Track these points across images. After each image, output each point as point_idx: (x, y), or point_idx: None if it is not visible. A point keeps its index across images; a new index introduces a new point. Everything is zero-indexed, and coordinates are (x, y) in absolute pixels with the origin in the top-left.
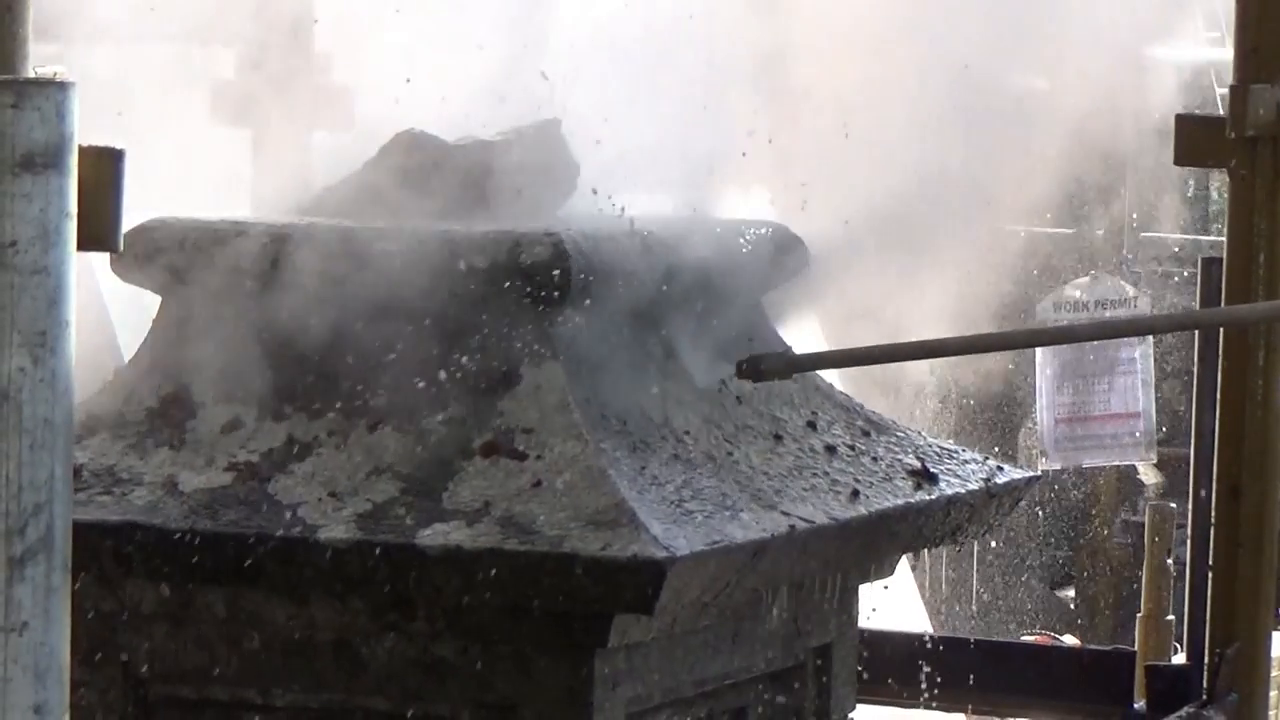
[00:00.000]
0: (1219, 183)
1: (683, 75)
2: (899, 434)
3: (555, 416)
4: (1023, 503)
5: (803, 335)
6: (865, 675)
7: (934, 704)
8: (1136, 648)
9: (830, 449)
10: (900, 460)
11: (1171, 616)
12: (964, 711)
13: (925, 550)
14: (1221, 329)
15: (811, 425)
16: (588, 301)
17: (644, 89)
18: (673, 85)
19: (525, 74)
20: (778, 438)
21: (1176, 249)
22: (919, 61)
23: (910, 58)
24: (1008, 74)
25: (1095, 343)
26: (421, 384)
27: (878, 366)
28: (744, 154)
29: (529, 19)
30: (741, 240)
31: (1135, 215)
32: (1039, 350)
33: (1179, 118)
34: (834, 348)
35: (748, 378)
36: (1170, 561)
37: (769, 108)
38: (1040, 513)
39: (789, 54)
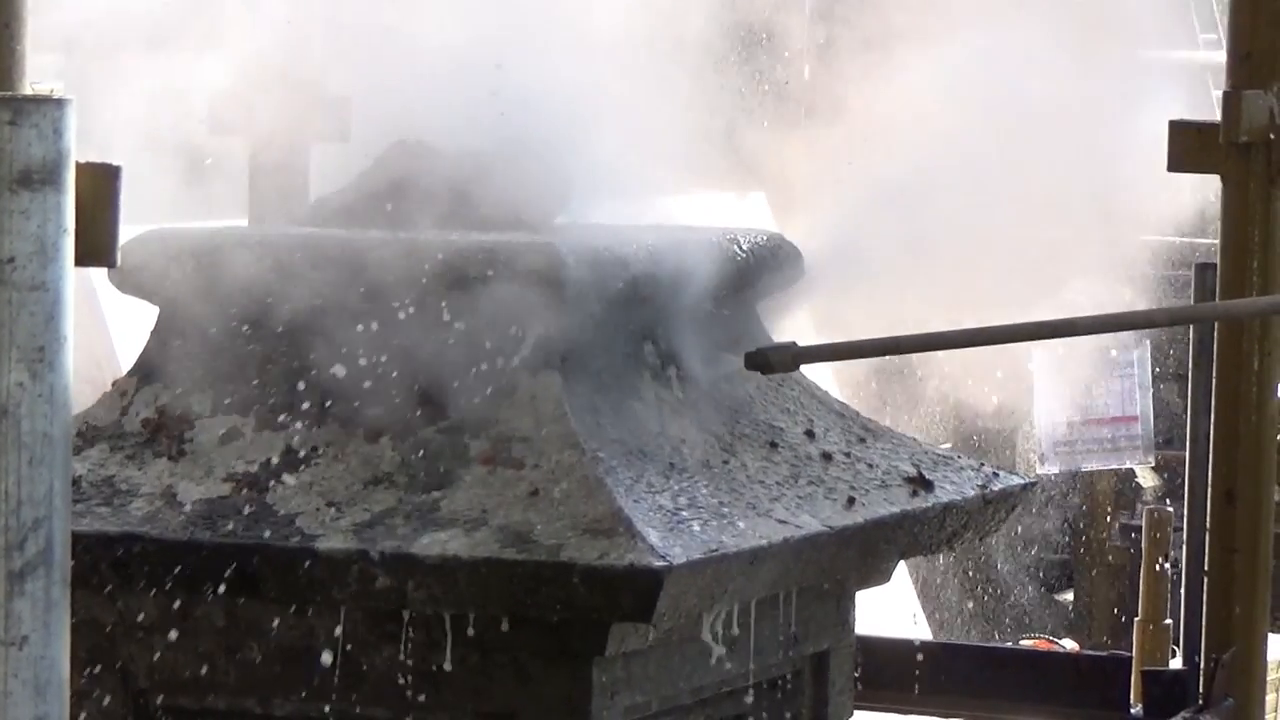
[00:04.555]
0: (1217, 185)
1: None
2: (895, 440)
3: (552, 425)
4: (1020, 507)
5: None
6: (862, 681)
7: (930, 710)
8: (1133, 652)
9: (827, 456)
10: (896, 467)
11: (1169, 621)
12: (960, 717)
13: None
14: (1216, 333)
15: (809, 433)
16: (583, 311)
17: (642, 95)
18: (671, 91)
19: (519, 84)
20: (774, 445)
21: (1173, 252)
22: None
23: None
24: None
25: (1093, 346)
26: (418, 393)
27: (882, 363)
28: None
29: (525, 30)
30: (738, 248)
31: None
32: (1035, 353)
33: (1172, 124)
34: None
35: (755, 369)
36: (1168, 565)
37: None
38: (1038, 516)
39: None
